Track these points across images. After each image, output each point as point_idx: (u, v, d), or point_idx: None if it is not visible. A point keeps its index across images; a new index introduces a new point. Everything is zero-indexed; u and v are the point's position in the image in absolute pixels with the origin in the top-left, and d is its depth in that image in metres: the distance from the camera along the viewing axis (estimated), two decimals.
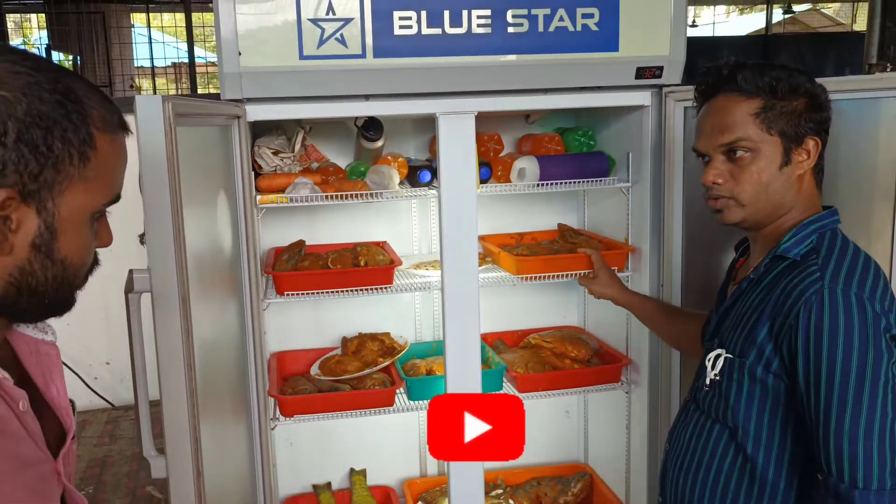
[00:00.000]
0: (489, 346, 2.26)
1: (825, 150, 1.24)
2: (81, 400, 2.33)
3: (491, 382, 2.01)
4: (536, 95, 1.84)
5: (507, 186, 2.05)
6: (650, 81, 1.85)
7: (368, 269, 1.95)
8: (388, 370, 2.12)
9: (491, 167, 2.09)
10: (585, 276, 1.95)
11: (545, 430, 2.52)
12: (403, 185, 2.06)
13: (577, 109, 2.30)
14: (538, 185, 2.00)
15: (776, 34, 12.36)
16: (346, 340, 2.23)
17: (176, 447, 1.27)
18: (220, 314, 1.70)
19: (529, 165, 1.99)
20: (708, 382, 1.25)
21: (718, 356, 1.23)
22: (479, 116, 1.81)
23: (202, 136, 1.57)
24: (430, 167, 2.02)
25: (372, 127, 2.02)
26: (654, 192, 1.92)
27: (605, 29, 1.78)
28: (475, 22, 1.72)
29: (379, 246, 2.16)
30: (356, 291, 1.92)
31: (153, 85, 10.81)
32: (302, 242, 2.10)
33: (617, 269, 2.03)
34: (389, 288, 1.95)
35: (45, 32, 10.24)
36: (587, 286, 1.94)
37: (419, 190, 2.03)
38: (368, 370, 2.07)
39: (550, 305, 2.46)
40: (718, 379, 1.23)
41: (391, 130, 2.16)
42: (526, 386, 2.02)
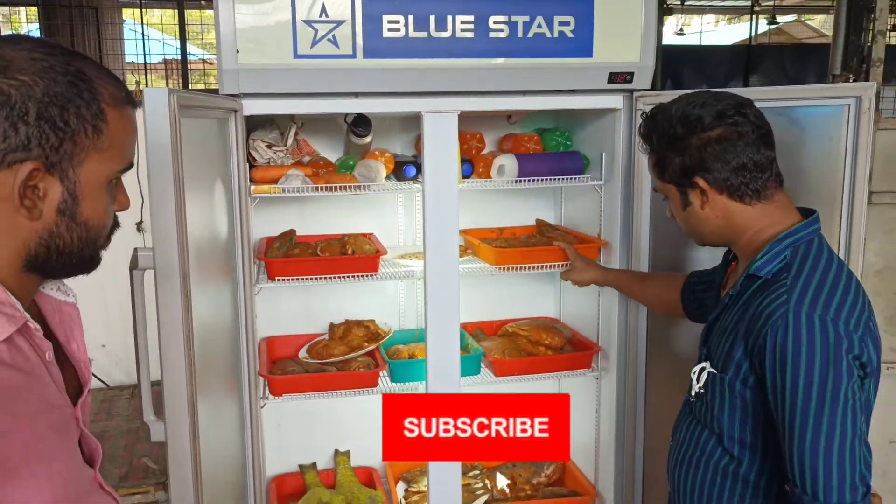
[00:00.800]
0: (469, 334, 2.38)
1: (729, 174, 1.24)
2: None
3: (469, 366, 2.13)
4: (516, 97, 1.97)
5: (487, 182, 2.17)
6: (622, 86, 1.97)
7: (355, 256, 2.06)
8: (372, 354, 2.23)
9: (473, 164, 2.21)
10: (564, 269, 2.07)
11: None
12: (390, 179, 2.17)
13: (555, 111, 2.43)
14: (517, 181, 2.12)
15: (760, 44, 12.61)
16: (333, 326, 2.34)
17: (174, 412, 1.38)
18: (215, 297, 1.81)
19: (509, 162, 2.12)
20: (694, 394, 1.33)
21: (703, 369, 1.30)
22: (462, 116, 1.92)
23: (201, 128, 1.68)
24: (415, 163, 2.14)
25: (361, 123, 2.13)
26: (624, 190, 2.04)
27: (580, 36, 1.90)
28: (459, 26, 1.84)
29: (366, 237, 2.27)
30: (343, 278, 2.04)
31: (145, 80, 10.83)
32: (293, 232, 2.21)
33: (592, 258, 2.16)
34: (375, 275, 2.07)
35: (35, 26, 10.25)
36: (569, 278, 2.06)
37: (405, 184, 2.14)
38: (354, 354, 2.18)
39: (528, 297, 2.58)
40: (703, 391, 1.30)
41: (380, 128, 2.28)
42: (502, 370, 2.14)
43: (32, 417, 0.83)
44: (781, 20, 14.56)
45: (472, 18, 1.84)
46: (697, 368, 1.32)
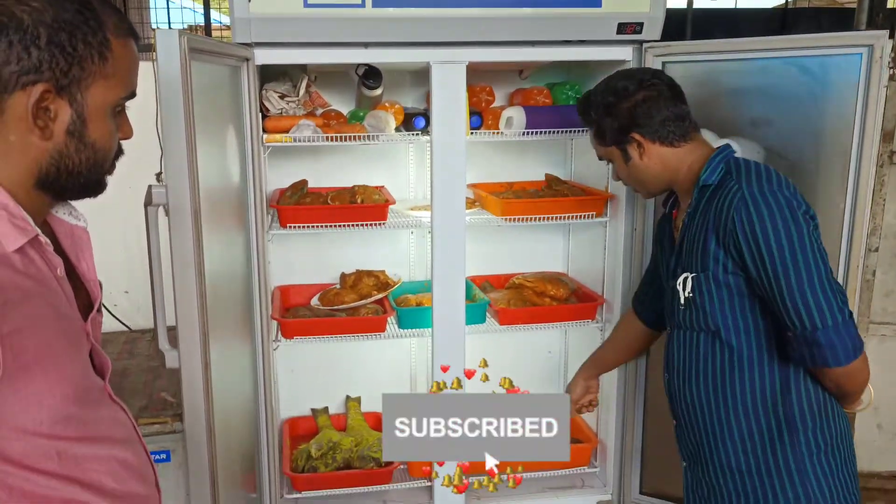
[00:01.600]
0: (478, 286, 2.43)
1: (656, 120, 1.50)
2: (104, 324, 2.52)
3: (475, 315, 2.19)
4: (524, 48, 1.98)
5: (495, 134, 2.20)
6: (631, 37, 1.98)
7: (364, 205, 2.12)
8: (381, 303, 2.30)
9: (482, 116, 2.24)
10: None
11: (529, 368, 2.70)
12: (400, 131, 2.21)
13: (567, 65, 2.44)
14: (524, 133, 2.15)
15: (798, 8, 12.24)
16: (344, 276, 2.41)
17: (187, 341, 1.46)
18: (228, 241, 1.88)
19: (516, 114, 2.14)
20: (683, 302, 1.49)
21: (686, 278, 1.47)
22: (473, 70, 1.94)
23: (214, 74, 1.73)
24: (424, 114, 2.17)
25: (371, 76, 2.17)
26: None
27: None
28: None
29: (377, 189, 2.32)
30: (352, 226, 2.10)
31: None
32: (304, 182, 2.27)
33: (595, 214, 2.19)
34: (384, 224, 2.12)
35: None
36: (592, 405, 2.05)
37: (414, 136, 2.18)
38: (363, 301, 2.25)
39: (537, 252, 2.62)
40: (692, 296, 1.46)
41: (391, 82, 2.32)
42: (507, 319, 2.19)
43: (44, 321, 0.90)
44: None
45: None
46: (681, 280, 1.48)
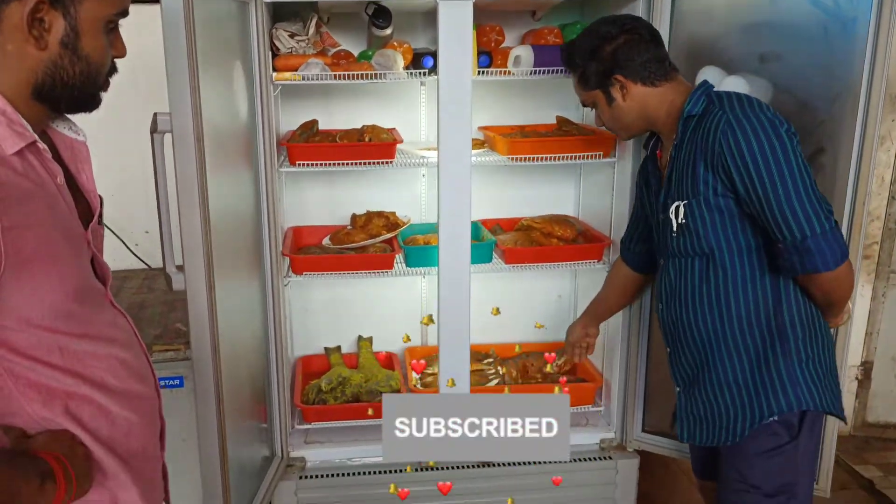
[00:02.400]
0: (488, 230, 2.46)
1: (637, 61, 1.60)
2: (125, 262, 2.60)
3: (481, 254, 2.22)
4: None
5: (503, 74, 2.19)
6: None
7: (372, 143, 2.14)
8: (390, 243, 2.34)
9: (491, 56, 2.24)
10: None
11: (539, 312, 2.73)
12: (409, 70, 2.22)
13: (581, 5, 2.41)
14: (533, 72, 2.14)
15: None
16: (354, 216, 2.46)
17: (192, 263, 1.52)
18: (237, 179, 1.92)
19: (524, 53, 2.13)
20: (676, 228, 1.56)
21: (678, 206, 1.55)
22: (484, 9, 1.92)
23: (221, 8, 1.76)
24: (433, 54, 2.17)
25: (381, 15, 2.17)
26: None
27: None
28: None
29: (389, 132, 2.34)
30: (361, 164, 2.13)
31: None
32: (315, 122, 2.30)
33: (603, 154, 2.19)
34: (391, 163, 2.15)
35: None
36: (569, 356, 2.23)
37: (428, 79, 2.18)
38: (372, 241, 2.29)
39: (548, 196, 2.62)
40: (685, 221, 1.54)
41: (403, 23, 2.32)
42: (513, 258, 2.22)
43: (43, 221, 0.95)
44: None
45: None
46: (673, 208, 1.55)
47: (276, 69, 2.09)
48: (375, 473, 2.21)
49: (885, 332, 3.10)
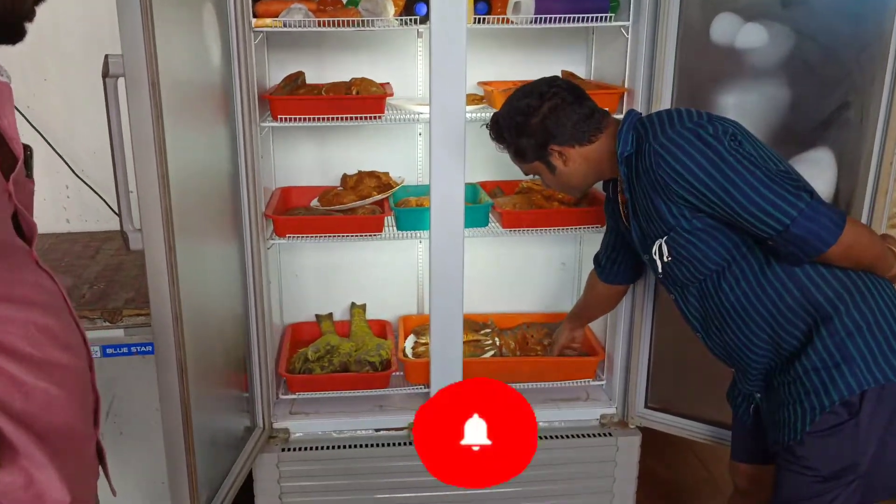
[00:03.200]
0: (488, 192, 2.32)
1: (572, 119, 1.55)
2: (108, 223, 2.48)
3: (476, 217, 2.08)
4: None
5: (501, 22, 2.02)
6: None
7: (359, 97, 2.00)
8: (382, 205, 2.21)
9: (490, 3, 2.07)
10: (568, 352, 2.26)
11: (542, 281, 2.60)
12: (401, 18, 2.06)
13: None
14: (535, 20, 1.97)
15: None
16: (345, 177, 2.32)
17: (149, 221, 1.40)
18: (209, 134, 1.78)
19: None
20: (666, 264, 1.51)
21: (660, 245, 1.50)
22: None
23: None
24: (426, 0, 2.01)
25: None
26: (650, 30, 1.87)
27: None
28: None
29: (382, 87, 2.19)
30: (347, 119, 1.98)
31: None
32: (301, 73, 2.15)
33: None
34: (381, 118, 2.00)
35: None
36: (558, 351, 2.24)
37: (424, 29, 2.02)
38: (362, 202, 2.16)
39: None
40: (675, 254, 1.48)
41: None
42: (510, 222, 2.08)
43: None
44: None
45: None
46: (655, 247, 1.50)
47: (256, 14, 1.94)
48: (363, 447, 2.11)
49: None
